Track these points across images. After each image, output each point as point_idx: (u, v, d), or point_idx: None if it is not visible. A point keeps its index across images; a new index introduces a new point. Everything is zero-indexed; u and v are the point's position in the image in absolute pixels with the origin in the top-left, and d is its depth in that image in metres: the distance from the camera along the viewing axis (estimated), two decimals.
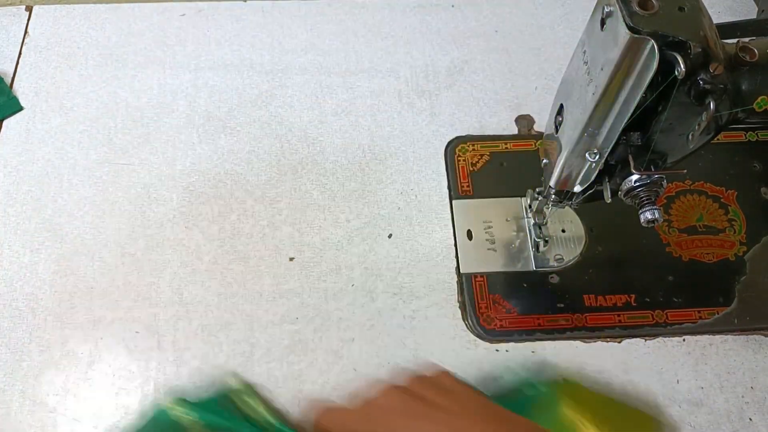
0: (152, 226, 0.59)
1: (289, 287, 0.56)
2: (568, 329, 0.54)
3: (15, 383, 0.51)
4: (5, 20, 0.70)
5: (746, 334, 0.54)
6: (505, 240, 0.59)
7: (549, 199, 0.53)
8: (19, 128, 0.63)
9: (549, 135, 0.49)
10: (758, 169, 0.62)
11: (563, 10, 0.72)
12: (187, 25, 0.70)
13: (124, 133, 0.63)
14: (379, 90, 0.67)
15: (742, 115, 0.41)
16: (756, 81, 0.40)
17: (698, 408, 0.51)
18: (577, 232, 0.58)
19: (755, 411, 0.51)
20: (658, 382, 0.52)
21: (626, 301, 0.55)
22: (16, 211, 0.59)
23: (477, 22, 0.71)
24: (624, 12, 0.37)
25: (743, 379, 0.52)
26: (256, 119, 0.65)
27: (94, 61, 0.68)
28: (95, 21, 0.70)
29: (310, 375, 0.53)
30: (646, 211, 0.44)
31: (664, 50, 0.36)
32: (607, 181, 0.47)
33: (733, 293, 0.55)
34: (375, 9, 0.72)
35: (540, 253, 0.57)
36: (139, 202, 0.60)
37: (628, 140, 0.43)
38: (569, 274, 0.57)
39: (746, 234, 0.58)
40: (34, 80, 0.66)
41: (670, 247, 0.58)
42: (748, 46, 0.40)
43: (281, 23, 0.71)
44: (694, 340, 0.54)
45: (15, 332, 0.53)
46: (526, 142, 0.63)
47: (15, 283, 0.55)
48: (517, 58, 0.69)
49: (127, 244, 0.58)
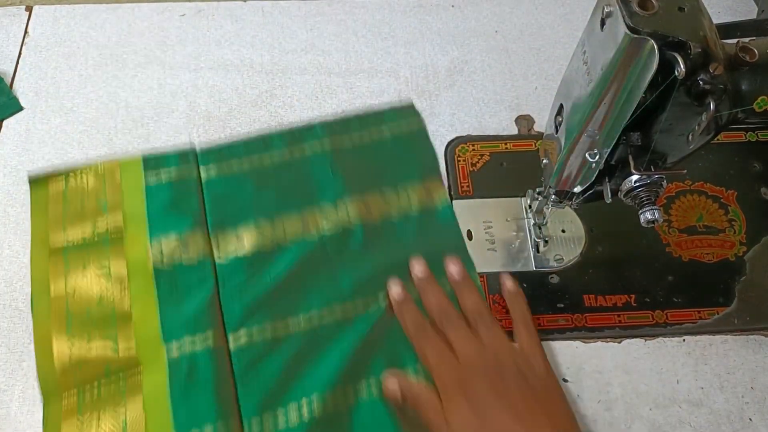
0: None
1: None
2: (568, 329, 0.54)
3: (15, 383, 0.51)
4: (5, 20, 0.70)
5: (746, 334, 0.54)
6: (505, 240, 0.59)
7: (549, 199, 0.53)
8: (19, 128, 0.63)
9: (549, 135, 0.49)
10: (758, 169, 0.62)
11: (563, 10, 0.72)
12: (187, 25, 0.70)
13: (124, 133, 0.63)
14: (379, 90, 0.67)
15: (742, 115, 0.41)
16: (756, 81, 0.40)
17: (698, 408, 0.51)
18: (577, 232, 0.58)
19: (755, 411, 0.51)
20: (658, 382, 0.52)
21: (626, 301, 0.55)
22: (16, 211, 0.59)
23: (477, 22, 0.71)
24: (624, 12, 0.37)
25: (743, 379, 0.52)
26: (256, 119, 0.65)
27: (94, 61, 0.68)
28: (95, 21, 0.70)
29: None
30: (646, 211, 0.45)
31: (664, 50, 0.36)
32: (607, 181, 0.47)
33: (733, 293, 0.55)
34: (375, 9, 0.72)
35: (540, 253, 0.57)
36: None
37: (628, 140, 0.43)
38: (569, 274, 0.57)
39: (746, 234, 0.58)
40: (34, 80, 0.66)
41: (670, 247, 0.58)
42: (748, 46, 0.40)
43: (281, 23, 0.71)
44: (694, 340, 0.54)
45: (15, 332, 0.53)
46: (526, 142, 0.63)
47: (15, 283, 0.55)
48: (517, 58, 0.69)
49: None
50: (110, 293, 0.52)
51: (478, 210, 0.60)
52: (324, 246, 0.55)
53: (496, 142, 0.64)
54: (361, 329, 0.51)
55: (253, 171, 0.58)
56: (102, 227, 0.55)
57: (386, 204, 0.57)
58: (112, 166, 0.59)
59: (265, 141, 0.60)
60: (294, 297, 0.52)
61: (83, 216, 0.56)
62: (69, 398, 0.48)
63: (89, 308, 0.52)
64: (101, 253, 0.54)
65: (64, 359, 0.49)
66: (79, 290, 0.52)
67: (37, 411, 0.50)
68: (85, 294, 0.52)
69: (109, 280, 0.53)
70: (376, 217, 0.57)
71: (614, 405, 0.51)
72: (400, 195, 0.58)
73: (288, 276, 0.53)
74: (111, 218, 0.56)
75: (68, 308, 0.52)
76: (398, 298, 0.52)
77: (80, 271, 0.53)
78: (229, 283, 0.53)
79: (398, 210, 0.57)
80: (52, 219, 0.56)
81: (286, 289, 0.53)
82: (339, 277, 0.53)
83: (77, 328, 0.51)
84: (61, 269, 0.53)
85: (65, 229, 0.55)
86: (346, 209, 0.56)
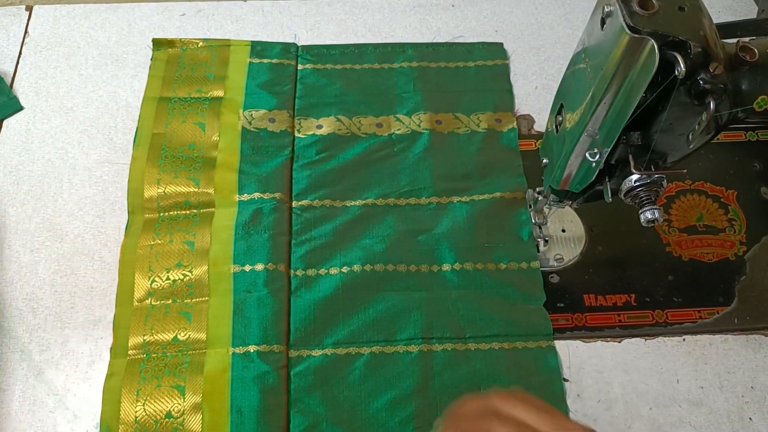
0: None
1: None
2: (568, 329, 0.54)
3: (15, 383, 0.51)
4: (5, 20, 0.70)
5: (746, 334, 0.54)
6: None
7: (549, 199, 0.54)
8: (19, 128, 0.63)
9: (549, 135, 0.49)
10: (758, 169, 0.62)
11: (563, 10, 0.72)
12: (187, 25, 0.70)
13: (124, 133, 0.63)
14: None
15: (742, 115, 0.41)
16: (756, 81, 0.40)
17: (698, 408, 0.51)
18: (577, 232, 0.58)
19: (755, 411, 0.51)
20: (658, 382, 0.52)
21: (626, 300, 0.55)
22: (16, 211, 0.59)
23: (477, 22, 0.71)
24: (624, 12, 0.37)
25: (743, 378, 0.52)
26: None
27: (94, 61, 0.68)
28: (95, 21, 0.70)
29: None
30: (646, 211, 0.45)
31: (664, 50, 0.36)
32: (607, 180, 0.47)
33: (733, 293, 0.56)
34: (375, 9, 0.72)
35: (540, 252, 0.57)
36: None
37: (628, 140, 0.43)
38: (569, 274, 0.57)
39: (746, 234, 0.58)
40: (34, 80, 0.66)
41: (670, 247, 0.58)
42: (748, 46, 0.40)
43: (281, 23, 0.71)
44: (694, 340, 0.54)
45: (15, 332, 0.53)
46: (526, 142, 0.63)
47: (15, 283, 0.55)
48: (517, 58, 0.69)
49: None
50: (201, 140, 0.61)
51: None
52: (392, 143, 0.62)
53: None
54: (410, 214, 0.58)
55: (344, 72, 0.66)
56: (205, 92, 0.64)
57: (457, 122, 0.63)
58: (224, 43, 0.67)
59: (360, 50, 0.68)
60: (356, 181, 0.60)
61: (192, 80, 0.65)
62: (150, 214, 0.58)
63: (182, 148, 0.61)
64: (200, 110, 0.63)
65: (152, 183, 0.59)
66: (177, 132, 0.61)
67: (37, 411, 0.50)
68: (181, 136, 0.61)
69: (203, 131, 0.61)
70: (445, 130, 0.63)
71: (614, 404, 0.51)
72: (471, 118, 0.63)
73: (354, 161, 0.60)
74: (214, 86, 0.64)
75: (164, 144, 0.61)
76: None
77: (180, 119, 0.62)
78: (302, 155, 0.61)
79: (466, 127, 0.63)
80: (166, 76, 0.65)
81: (351, 173, 0.60)
82: (399, 174, 0.60)
83: (168, 161, 0.60)
84: (165, 114, 0.63)
85: (175, 86, 0.64)
86: (419, 119, 0.63)
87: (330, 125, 0.62)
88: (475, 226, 0.57)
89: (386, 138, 0.62)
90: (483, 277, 0.55)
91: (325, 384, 0.50)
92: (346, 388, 0.50)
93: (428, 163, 0.60)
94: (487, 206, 0.58)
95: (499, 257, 0.56)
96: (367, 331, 0.53)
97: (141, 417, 0.49)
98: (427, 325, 0.53)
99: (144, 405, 0.49)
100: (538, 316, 0.54)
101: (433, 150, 0.61)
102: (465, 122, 0.63)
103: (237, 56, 0.66)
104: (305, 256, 0.56)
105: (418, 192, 0.59)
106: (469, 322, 0.53)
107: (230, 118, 0.62)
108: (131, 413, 0.49)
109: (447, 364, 0.51)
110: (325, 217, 0.58)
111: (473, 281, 0.55)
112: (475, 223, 0.57)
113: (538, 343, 0.52)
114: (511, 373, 0.51)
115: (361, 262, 0.55)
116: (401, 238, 0.57)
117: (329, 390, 0.50)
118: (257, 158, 0.60)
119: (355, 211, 0.58)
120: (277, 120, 0.62)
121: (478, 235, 0.57)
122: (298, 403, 0.50)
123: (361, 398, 0.50)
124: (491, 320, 0.53)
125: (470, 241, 0.57)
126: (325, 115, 0.63)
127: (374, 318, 0.53)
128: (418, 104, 0.63)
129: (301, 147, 0.61)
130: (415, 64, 0.66)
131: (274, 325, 0.52)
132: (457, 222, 0.57)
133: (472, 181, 0.60)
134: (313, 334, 0.52)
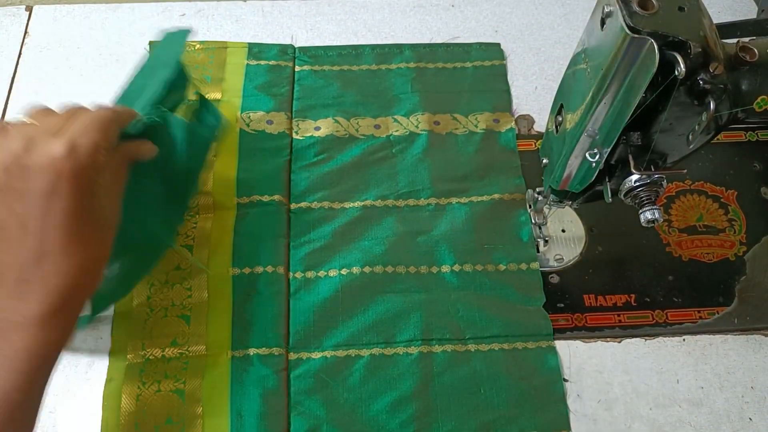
0: None
1: None
2: (568, 329, 0.54)
3: None
4: (5, 20, 0.70)
5: (746, 334, 0.54)
6: None
7: (549, 199, 0.54)
8: None
9: (549, 135, 0.49)
10: (758, 169, 0.62)
11: (563, 10, 0.72)
12: (187, 25, 0.70)
13: None
14: None
15: (742, 115, 0.41)
16: (756, 81, 0.40)
17: (698, 408, 0.51)
18: (577, 232, 0.58)
19: (755, 411, 0.51)
20: (658, 382, 0.52)
21: (626, 301, 0.55)
22: None
23: (477, 22, 0.71)
24: (624, 12, 0.37)
25: (743, 379, 0.52)
26: None
27: (94, 61, 0.68)
28: (95, 21, 0.70)
29: None
30: (646, 211, 0.45)
31: (664, 50, 0.36)
32: (607, 180, 0.47)
33: (733, 293, 0.56)
34: (375, 9, 0.72)
35: (540, 252, 0.57)
36: None
37: (628, 140, 0.43)
38: (569, 274, 0.57)
39: (746, 234, 0.58)
40: (34, 80, 0.66)
41: (670, 247, 0.58)
42: (748, 46, 0.40)
43: (281, 23, 0.71)
44: (694, 340, 0.54)
45: None
46: (526, 142, 0.63)
47: None
48: (516, 58, 0.69)
49: None
50: None
51: None
52: (390, 144, 0.62)
53: None
54: (409, 216, 0.58)
55: (342, 74, 0.66)
56: (203, 94, 0.60)
57: (455, 122, 0.63)
58: (221, 45, 0.67)
59: (357, 51, 0.68)
60: (355, 183, 0.60)
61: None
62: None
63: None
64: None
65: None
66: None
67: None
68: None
69: None
70: (443, 131, 0.63)
71: (614, 405, 0.51)
72: (469, 119, 0.63)
73: (353, 162, 0.61)
74: (212, 89, 0.64)
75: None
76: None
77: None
78: (301, 157, 0.61)
79: (464, 127, 0.63)
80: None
81: (349, 174, 0.60)
82: (398, 175, 0.60)
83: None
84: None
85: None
86: (417, 120, 0.63)
87: (328, 127, 0.62)
88: (474, 227, 0.57)
89: (384, 139, 0.62)
90: (482, 279, 0.55)
91: (325, 386, 0.51)
92: (346, 390, 0.50)
93: (426, 164, 0.60)
94: (486, 208, 0.58)
95: (498, 258, 0.56)
96: (366, 333, 0.53)
97: (141, 422, 0.49)
98: (426, 327, 0.53)
99: (144, 410, 0.49)
100: (538, 316, 0.54)
101: (431, 151, 0.61)
102: (463, 123, 0.63)
103: (234, 58, 0.66)
104: (304, 258, 0.56)
105: (417, 193, 0.59)
106: (468, 323, 0.53)
107: (228, 119, 0.62)
108: (132, 419, 0.49)
109: (447, 366, 0.51)
110: (324, 218, 0.58)
111: (473, 282, 0.55)
112: (474, 225, 0.58)
113: (538, 343, 0.52)
114: (511, 373, 0.51)
115: (360, 263, 0.55)
116: (400, 240, 0.57)
117: (329, 392, 0.50)
118: (254, 159, 0.60)
119: (353, 212, 0.58)
120: (275, 122, 0.62)
121: (477, 236, 0.57)
122: (298, 406, 0.50)
123: (362, 400, 0.50)
124: (491, 321, 0.53)
125: (469, 242, 0.57)
126: (323, 116, 0.63)
127: (374, 320, 0.53)
128: (416, 105, 0.64)
129: (299, 149, 0.61)
130: (412, 64, 0.66)
131: (274, 328, 0.52)
132: (456, 223, 0.58)
133: (471, 182, 0.60)
134: (313, 337, 0.52)
